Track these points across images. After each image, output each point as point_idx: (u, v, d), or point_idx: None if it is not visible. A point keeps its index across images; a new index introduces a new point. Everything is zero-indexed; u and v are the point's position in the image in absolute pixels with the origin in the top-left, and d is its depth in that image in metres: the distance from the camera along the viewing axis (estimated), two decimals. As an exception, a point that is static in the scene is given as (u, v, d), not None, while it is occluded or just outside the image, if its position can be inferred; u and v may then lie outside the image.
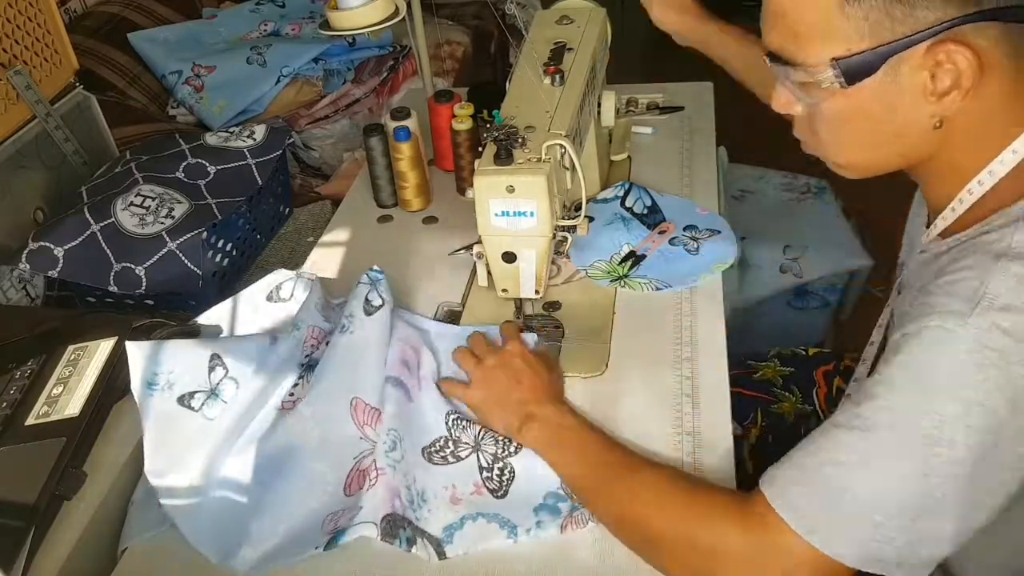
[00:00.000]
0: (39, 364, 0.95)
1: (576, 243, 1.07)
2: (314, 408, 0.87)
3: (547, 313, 1.05)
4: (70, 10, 2.06)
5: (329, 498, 0.84)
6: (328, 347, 0.92)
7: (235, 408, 0.88)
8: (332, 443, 0.86)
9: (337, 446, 0.86)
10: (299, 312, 0.98)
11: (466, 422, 0.88)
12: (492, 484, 0.84)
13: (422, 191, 1.27)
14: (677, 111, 1.44)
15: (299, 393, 0.91)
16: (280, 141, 1.47)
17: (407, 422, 0.87)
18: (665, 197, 1.19)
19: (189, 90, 2.05)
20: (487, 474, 0.84)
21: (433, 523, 0.80)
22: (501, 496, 0.83)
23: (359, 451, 0.87)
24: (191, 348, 0.89)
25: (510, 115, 0.94)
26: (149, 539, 0.84)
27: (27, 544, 0.76)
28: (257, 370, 0.89)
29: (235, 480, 0.85)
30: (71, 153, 1.42)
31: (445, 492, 0.83)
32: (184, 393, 0.87)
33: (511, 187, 0.86)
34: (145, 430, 0.85)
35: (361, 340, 0.90)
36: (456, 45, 2.43)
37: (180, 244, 1.25)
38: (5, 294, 1.26)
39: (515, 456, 0.84)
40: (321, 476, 0.84)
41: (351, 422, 0.87)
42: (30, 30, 1.32)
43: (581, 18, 1.15)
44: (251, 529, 0.81)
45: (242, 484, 0.85)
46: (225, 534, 0.81)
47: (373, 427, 0.87)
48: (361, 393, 0.88)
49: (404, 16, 1.18)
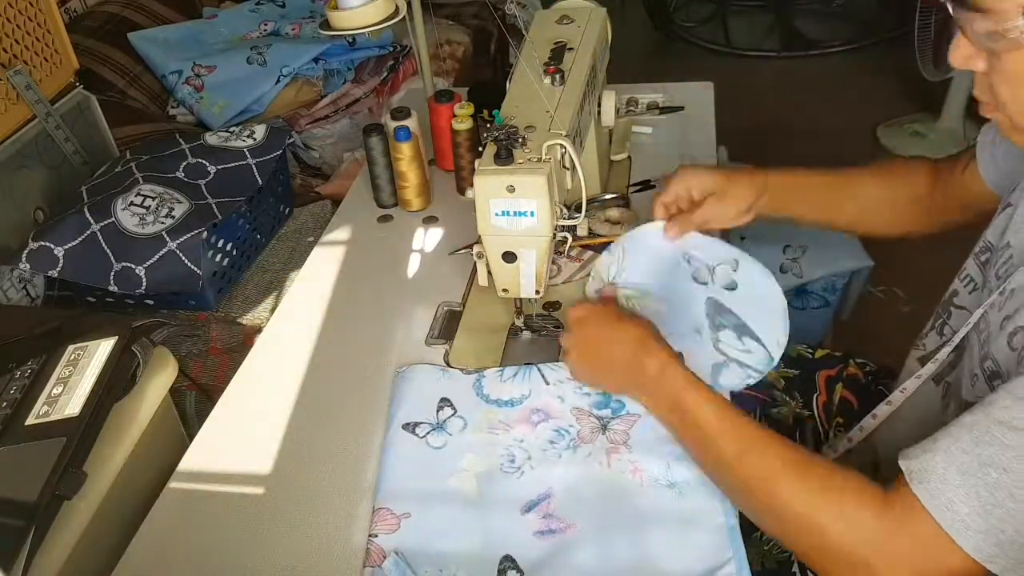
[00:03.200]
0: (39, 364, 0.95)
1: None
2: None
3: (547, 313, 1.05)
4: (70, 10, 2.06)
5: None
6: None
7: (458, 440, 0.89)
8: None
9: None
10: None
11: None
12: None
13: (422, 191, 1.27)
14: (677, 111, 1.44)
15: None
16: (280, 141, 1.47)
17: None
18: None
19: (189, 90, 2.05)
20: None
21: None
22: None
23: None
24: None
25: (510, 115, 0.94)
26: (149, 539, 0.84)
27: (27, 544, 0.76)
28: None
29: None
30: (71, 153, 1.42)
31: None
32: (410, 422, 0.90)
33: (511, 187, 0.86)
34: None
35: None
36: (456, 45, 2.42)
37: (180, 244, 1.25)
38: (5, 294, 1.26)
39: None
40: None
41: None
42: (30, 30, 1.32)
43: (581, 18, 1.15)
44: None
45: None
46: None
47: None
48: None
49: (404, 16, 1.18)
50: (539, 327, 1.03)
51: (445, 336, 1.04)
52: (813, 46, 3.45)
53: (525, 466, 0.85)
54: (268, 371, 1.03)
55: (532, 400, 0.91)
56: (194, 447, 0.94)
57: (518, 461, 0.86)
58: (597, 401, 0.90)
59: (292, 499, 0.87)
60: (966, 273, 0.87)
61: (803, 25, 3.58)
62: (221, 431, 0.96)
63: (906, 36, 2.47)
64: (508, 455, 0.86)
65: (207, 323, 1.36)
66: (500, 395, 0.92)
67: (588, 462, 0.85)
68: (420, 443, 0.88)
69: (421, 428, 0.90)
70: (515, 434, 0.88)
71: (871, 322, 0.95)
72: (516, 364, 0.96)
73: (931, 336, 0.91)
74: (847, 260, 1.81)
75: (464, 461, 0.86)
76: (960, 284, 0.87)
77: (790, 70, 3.39)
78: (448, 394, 0.93)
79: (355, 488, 0.87)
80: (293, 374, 1.01)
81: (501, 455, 0.86)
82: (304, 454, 0.91)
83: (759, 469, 0.73)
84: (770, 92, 3.21)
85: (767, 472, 0.72)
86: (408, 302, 1.11)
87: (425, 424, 0.90)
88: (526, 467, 0.85)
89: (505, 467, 0.85)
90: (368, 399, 0.97)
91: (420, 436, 0.89)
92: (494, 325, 1.04)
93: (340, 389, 0.99)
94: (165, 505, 0.87)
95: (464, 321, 1.06)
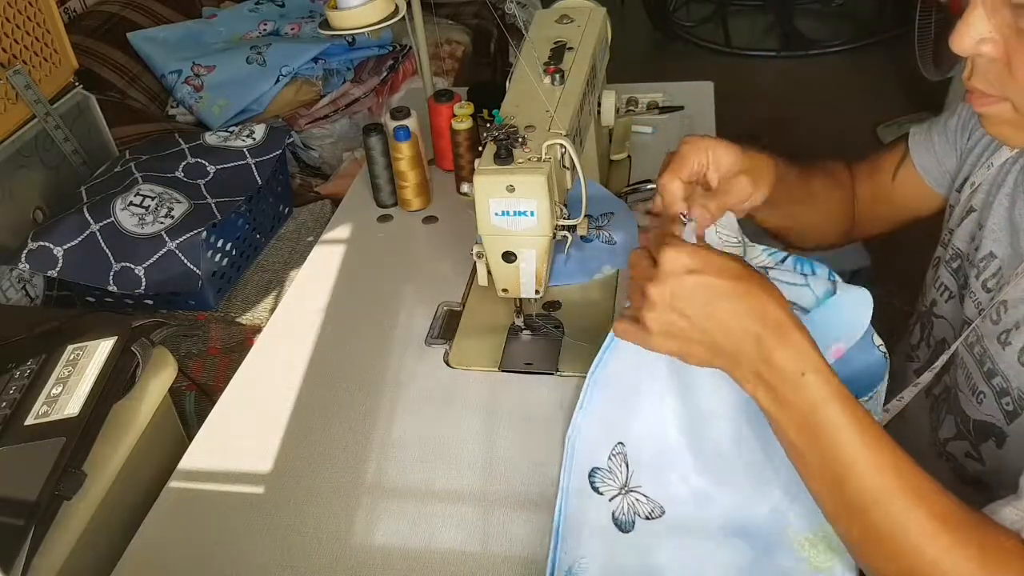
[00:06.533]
0: (39, 364, 0.94)
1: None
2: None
3: (547, 313, 1.05)
4: (70, 10, 2.06)
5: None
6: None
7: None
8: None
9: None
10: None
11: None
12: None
13: (422, 191, 1.27)
14: (677, 111, 1.44)
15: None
16: (280, 141, 1.47)
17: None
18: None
19: (189, 90, 2.05)
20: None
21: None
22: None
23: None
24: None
25: (510, 114, 0.94)
26: (149, 539, 0.84)
27: (27, 544, 0.76)
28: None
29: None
30: (71, 153, 1.42)
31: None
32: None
33: (511, 187, 0.85)
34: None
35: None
36: (456, 44, 2.42)
37: (180, 244, 1.25)
38: (5, 294, 1.26)
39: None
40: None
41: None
42: (30, 30, 1.32)
43: (581, 17, 1.15)
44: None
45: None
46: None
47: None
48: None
49: (404, 15, 1.18)
50: (539, 327, 1.03)
51: (445, 336, 1.04)
52: (813, 46, 3.45)
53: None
54: (268, 371, 1.03)
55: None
56: (194, 447, 0.94)
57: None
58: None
59: (292, 499, 0.86)
60: (940, 282, 0.86)
61: (803, 25, 3.58)
62: (221, 431, 0.96)
63: (906, 36, 2.47)
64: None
65: (207, 323, 1.36)
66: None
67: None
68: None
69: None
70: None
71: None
72: (516, 365, 0.96)
73: (923, 348, 0.90)
74: (847, 260, 1.81)
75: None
76: (937, 294, 0.87)
77: (790, 70, 3.39)
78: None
79: (355, 488, 0.87)
80: (293, 374, 1.01)
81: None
82: (304, 454, 0.91)
83: (907, 521, 0.57)
84: (770, 92, 3.21)
85: (918, 526, 0.57)
86: (408, 302, 1.11)
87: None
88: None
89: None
90: (368, 399, 0.97)
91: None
92: (494, 325, 1.04)
93: (340, 389, 0.99)
94: (165, 505, 0.87)
95: (464, 321, 1.06)
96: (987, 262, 0.77)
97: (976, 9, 0.60)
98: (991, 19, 0.60)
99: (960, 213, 0.83)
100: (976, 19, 0.60)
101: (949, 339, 0.85)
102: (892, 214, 0.98)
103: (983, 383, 0.75)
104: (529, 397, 0.95)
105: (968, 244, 0.81)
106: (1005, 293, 0.73)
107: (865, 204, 0.99)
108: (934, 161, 0.91)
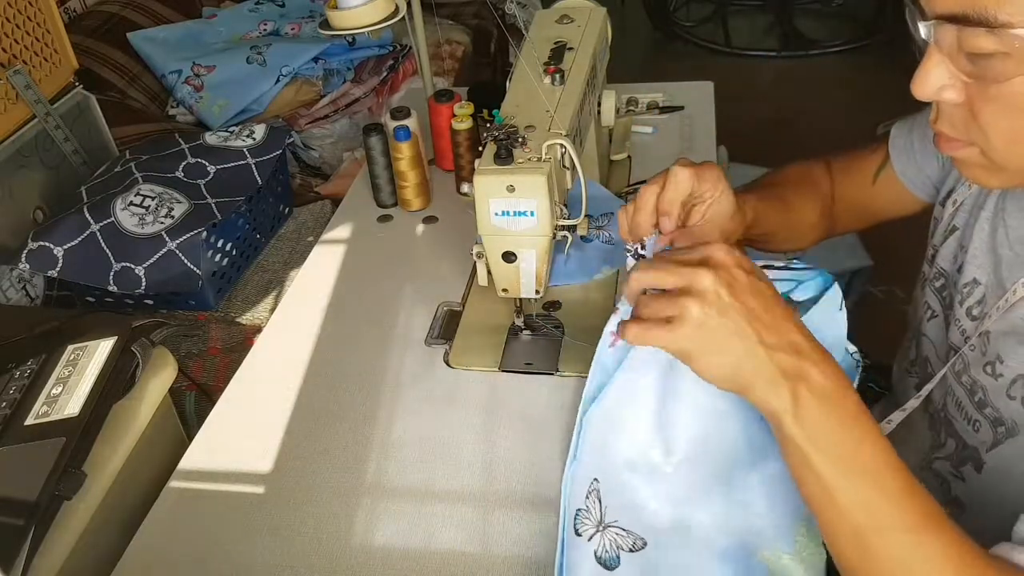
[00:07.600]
0: (39, 364, 0.95)
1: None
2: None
3: (547, 313, 1.05)
4: (70, 9, 2.06)
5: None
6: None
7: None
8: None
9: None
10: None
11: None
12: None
13: (422, 191, 1.27)
14: (677, 111, 1.44)
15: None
16: (280, 141, 1.47)
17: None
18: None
19: (189, 89, 2.05)
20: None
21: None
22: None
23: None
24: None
25: (510, 114, 0.94)
26: (149, 539, 0.84)
27: (27, 544, 0.76)
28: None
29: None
30: (71, 153, 1.42)
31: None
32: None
33: (511, 187, 0.85)
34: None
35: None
36: (456, 45, 2.42)
37: (180, 244, 1.25)
38: (5, 294, 1.26)
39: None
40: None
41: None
42: (30, 30, 1.32)
43: (581, 17, 1.15)
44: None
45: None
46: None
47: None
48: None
49: (404, 15, 1.18)
50: (539, 327, 1.03)
51: (445, 336, 1.04)
52: (813, 46, 3.45)
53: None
54: (268, 371, 1.03)
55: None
56: (194, 447, 0.94)
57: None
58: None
59: (292, 499, 0.87)
60: (925, 302, 0.85)
61: (803, 25, 3.58)
62: (221, 431, 0.96)
63: (906, 36, 2.47)
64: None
65: (207, 323, 1.36)
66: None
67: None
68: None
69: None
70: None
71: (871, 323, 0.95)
72: (516, 365, 0.96)
73: (919, 364, 0.89)
74: (847, 260, 1.81)
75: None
76: (923, 312, 0.86)
77: (790, 70, 3.39)
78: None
79: (355, 488, 0.87)
80: (293, 374, 1.01)
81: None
82: (304, 454, 0.91)
83: (926, 559, 0.54)
84: (770, 92, 3.21)
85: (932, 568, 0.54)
86: (408, 302, 1.11)
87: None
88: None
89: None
90: (368, 399, 0.97)
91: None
92: (494, 325, 1.04)
93: (340, 389, 0.99)
94: (165, 505, 0.87)
95: (464, 321, 1.06)
96: (971, 288, 0.76)
97: (932, 57, 0.59)
98: (950, 66, 0.58)
99: (943, 230, 0.82)
100: (933, 66, 0.59)
101: (932, 359, 0.84)
102: (871, 215, 0.98)
103: (976, 412, 0.75)
104: (529, 397, 0.95)
105: (952, 264, 0.80)
106: (987, 324, 0.72)
107: (844, 203, 0.99)
108: (915, 167, 0.90)
